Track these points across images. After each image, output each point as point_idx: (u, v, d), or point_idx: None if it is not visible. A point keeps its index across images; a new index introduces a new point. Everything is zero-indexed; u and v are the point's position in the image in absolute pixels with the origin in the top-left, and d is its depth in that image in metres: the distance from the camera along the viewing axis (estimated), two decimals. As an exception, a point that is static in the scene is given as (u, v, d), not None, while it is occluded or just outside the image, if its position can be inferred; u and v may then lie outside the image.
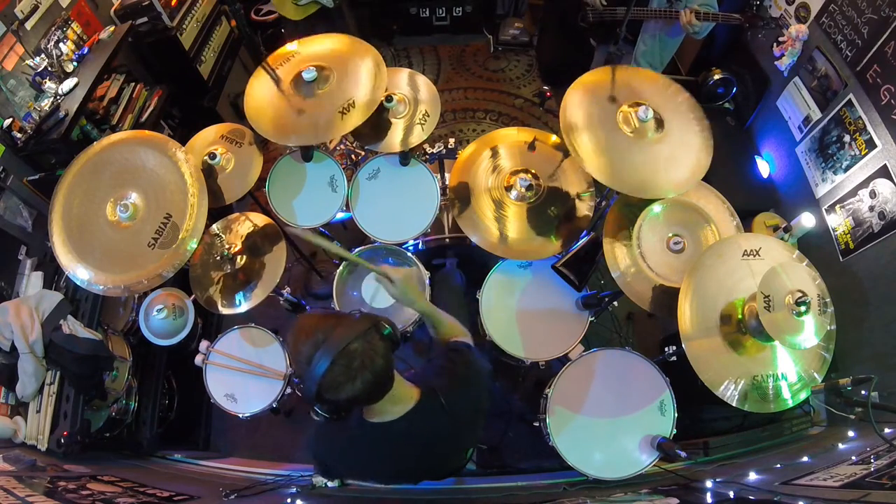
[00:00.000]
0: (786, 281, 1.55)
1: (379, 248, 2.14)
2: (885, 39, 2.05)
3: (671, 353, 1.82)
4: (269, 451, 2.67)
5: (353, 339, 1.02)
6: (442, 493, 2.10)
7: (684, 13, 2.46)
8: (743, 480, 1.57)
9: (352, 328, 1.05)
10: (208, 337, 2.15)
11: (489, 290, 2.07)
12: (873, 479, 1.23)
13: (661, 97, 1.89)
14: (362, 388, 1.04)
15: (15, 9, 2.40)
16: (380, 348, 1.07)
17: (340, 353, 1.00)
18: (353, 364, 1.02)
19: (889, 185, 2.05)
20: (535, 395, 2.03)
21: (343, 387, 1.02)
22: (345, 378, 1.02)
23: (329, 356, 1.00)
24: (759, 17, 2.54)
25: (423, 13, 4.27)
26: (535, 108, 3.95)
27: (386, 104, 2.11)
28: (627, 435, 1.78)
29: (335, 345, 1.01)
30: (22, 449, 1.95)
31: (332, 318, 1.10)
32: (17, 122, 2.36)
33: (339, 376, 1.01)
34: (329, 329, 1.04)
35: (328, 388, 1.02)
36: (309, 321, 1.09)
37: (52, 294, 2.09)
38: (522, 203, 1.97)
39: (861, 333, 2.08)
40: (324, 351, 1.01)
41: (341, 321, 1.07)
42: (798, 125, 2.65)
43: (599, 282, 2.64)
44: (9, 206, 2.28)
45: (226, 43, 3.82)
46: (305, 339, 1.04)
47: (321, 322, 1.07)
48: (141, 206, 1.82)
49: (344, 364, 1.01)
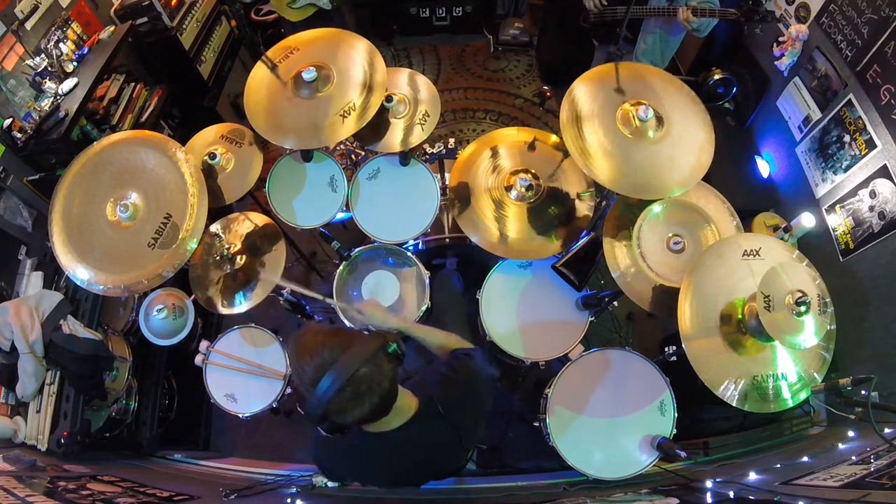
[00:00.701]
0: (786, 281, 1.55)
1: (379, 248, 2.13)
2: (885, 39, 2.05)
3: (671, 353, 1.82)
4: (269, 451, 2.67)
5: (362, 364, 1.00)
6: (442, 493, 2.10)
7: (682, 10, 2.48)
8: (743, 480, 1.56)
9: (361, 351, 1.02)
10: (208, 337, 2.15)
11: (489, 290, 2.07)
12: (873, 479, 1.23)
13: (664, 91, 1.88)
14: (369, 411, 1.03)
15: (15, 9, 2.40)
16: (387, 370, 1.05)
17: (349, 381, 0.98)
18: (360, 389, 1.00)
19: (889, 185, 2.05)
20: (535, 395, 2.03)
21: (350, 411, 1.01)
22: (353, 404, 1.00)
23: (338, 381, 0.97)
24: (755, 10, 2.53)
25: (423, 13, 4.26)
26: (535, 108, 3.95)
27: (386, 104, 2.11)
28: (627, 435, 1.78)
29: (344, 370, 0.98)
30: (22, 449, 1.95)
31: (339, 336, 1.06)
32: (17, 122, 2.36)
33: (347, 402, 1.00)
34: (336, 350, 1.01)
35: (335, 412, 1.01)
36: (314, 339, 1.05)
37: (52, 294, 2.09)
38: (522, 203, 1.97)
39: (861, 333, 2.07)
40: (332, 375, 0.98)
41: (350, 342, 1.04)
42: (798, 125, 2.65)
43: (599, 282, 2.64)
44: (9, 206, 2.28)
45: (226, 43, 3.82)
46: (310, 358, 1.01)
47: (328, 341, 1.03)
48: (141, 206, 1.82)
49: (352, 390, 0.99)
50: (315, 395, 0.99)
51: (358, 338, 1.06)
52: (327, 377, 0.98)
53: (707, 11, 2.45)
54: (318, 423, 1.04)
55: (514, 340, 2.00)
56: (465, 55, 4.34)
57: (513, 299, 2.07)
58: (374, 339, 1.07)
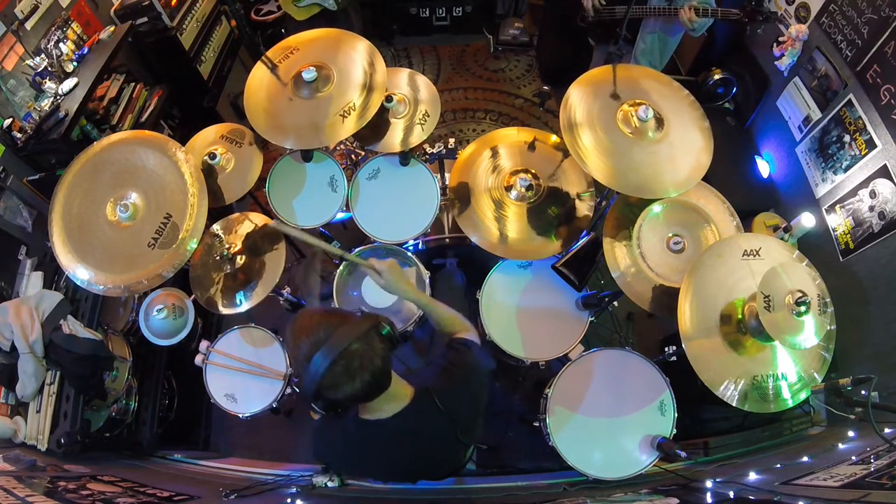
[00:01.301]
0: (786, 281, 1.55)
1: (379, 248, 2.13)
2: (885, 39, 2.05)
3: (671, 353, 1.82)
4: (269, 451, 2.67)
5: (353, 340, 1.04)
6: (442, 493, 2.10)
7: (684, 10, 2.47)
8: (743, 480, 1.56)
9: (353, 329, 1.06)
10: (208, 337, 2.15)
11: (489, 290, 2.07)
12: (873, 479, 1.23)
13: (662, 94, 1.89)
14: (361, 388, 1.06)
15: (15, 9, 2.40)
16: (379, 349, 1.08)
17: (341, 354, 1.02)
18: (352, 364, 1.03)
19: (889, 185, 2.05)
20: (535, 395, 2.03)
21: (342, 386, 1.04)
22: (345, 378, 1.03)
23: (330, 356, 1.01)
24: (758, 11, 2.54)
25: (423, 13, 4.26)
26: (535, 108, 3.94)
27: (386, 104, 2.11)
28: (627, 435, 1.78)
29: (336, 345, 1.02)
30: (22, 449, 1.95)
31: (333, 316, 1.10)
32: (17, 122, 2.36)
33: (339, 376, 1.03)
34: (330, 328, 1.05)
35: (328, 387, 1.03)
36: (310, 319, 1.09)
37: (52, 294, 2.09)
38: (522, 203, 1.97)
39: (861, 333, 2.07)
40: (325, 351, 1.02)
41: (343, 321, 1.08)
42: (798, 125, 2.65)
43: (599, 282, 2.64)
44: (9, 206, 2.28)
45: (226, 43, 3.82)
46: (306, 336, 1.05)
47: (322, 320, 1.08)
48: (141, 206, 1.82)
49: (344, 364, 1.02)
50: (308, 371, 1.02)
51: (351, 318, 1.10)
52: (320, 353, 1.02)
53: (709, 12, 2.45)
54: (313, 399, 1.07)
55: (514, 340, 2.00)
56: (465, 55, 4.34)
57: (513, 299, 2.07)
58: (366, 318, 1.11)
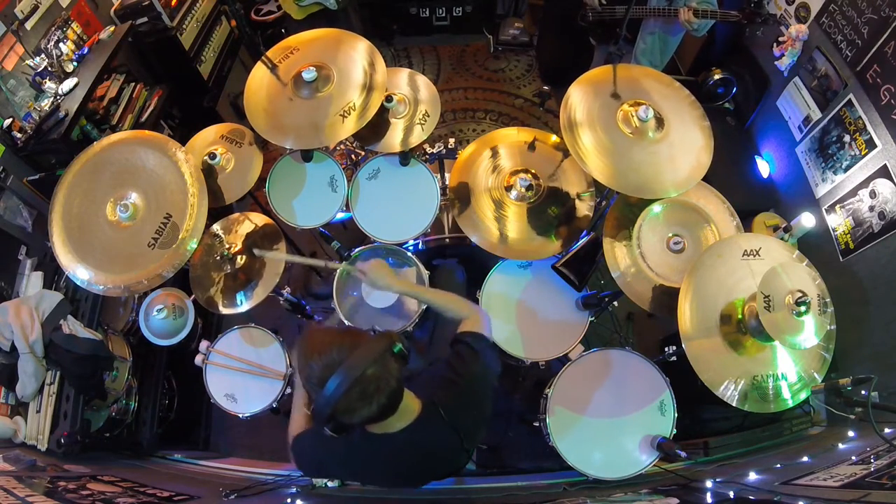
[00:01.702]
0: (786, 281, 1.55)
1: (379, 248, 2.13)
2: (885, 39, 2.05)
3: (671, 353, 1.82)
4: (269, 451, 2.67)
5: (369, 365, 1.01)
6: (442, 493, 2.10)
7: (683, 11, 2.47)
8: (743, 480, 1.56)
9: (368, 352, 1.03)
10: (208, 337, 2.15)
11: (489, 290, 2.07)
12: (873, 479, 1.23)
13: (662, 94, 1.89)
14: (377, 410, 1.04)
15: (15, 9, 2.40)
16: (394, 370, 1.06)
17: (357, 380, 0.99)
18: (368, 389, 1.01)
19: (889, 185, 2.05)
20: (535, 395, 2.03)
21: (358, 411, 1.02)
22: (360, 403, 1.01)
23: (346, 381, 0.98)
24: (758, 13, 2.54)
25: (423, 13, 4.26)
26: (535, 108, 3.95)
27: (386, 104, 2.11)
28: (627, 435, 1.78)
29: (352, 370, 0.99)
30: (22, 449, 1.95)
31: (346, 336, 1.08)
32: (17, 122, 2.36)
33: (355, 402, 1.00)
34: (344, 351, 1.02)
35: (343, 412, 1.01)
36: (322, 338, 1.06)
37: (52, 294, 2.09)
38: (522, 203, 1.97)
39: (861, 333, 2.08)
40: (340, 374, 0.99)
41: (356, 342, 1.05)
42: (798, 125, 2.65)
43: (599, 282, 2.64)
44: (9, 206, 2.28)
45: (226, 43, 3.82)
46: (319, 357, 1.02)
47: (335, 341, 1.05)
48: (141, 206, 1.82)
49: (360, 390, 1.00)
50: (323, 395, 0.99)
51: (365, 338, 1.07)
52: (335, 377, 0.99)
53: (709, 13, 2.45)
54: (325, 423, 1.04)
55: (514, 340, 2.00)
56: (465, 55, 4.34)
57: (513, 299, 2.06)
58: (381, 339, 1.08)
